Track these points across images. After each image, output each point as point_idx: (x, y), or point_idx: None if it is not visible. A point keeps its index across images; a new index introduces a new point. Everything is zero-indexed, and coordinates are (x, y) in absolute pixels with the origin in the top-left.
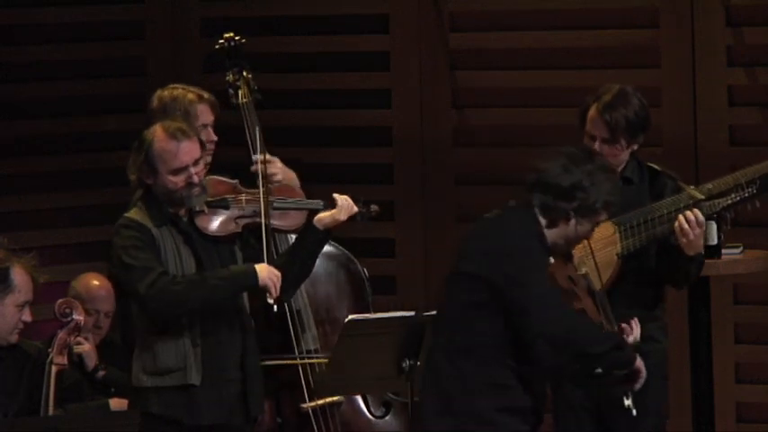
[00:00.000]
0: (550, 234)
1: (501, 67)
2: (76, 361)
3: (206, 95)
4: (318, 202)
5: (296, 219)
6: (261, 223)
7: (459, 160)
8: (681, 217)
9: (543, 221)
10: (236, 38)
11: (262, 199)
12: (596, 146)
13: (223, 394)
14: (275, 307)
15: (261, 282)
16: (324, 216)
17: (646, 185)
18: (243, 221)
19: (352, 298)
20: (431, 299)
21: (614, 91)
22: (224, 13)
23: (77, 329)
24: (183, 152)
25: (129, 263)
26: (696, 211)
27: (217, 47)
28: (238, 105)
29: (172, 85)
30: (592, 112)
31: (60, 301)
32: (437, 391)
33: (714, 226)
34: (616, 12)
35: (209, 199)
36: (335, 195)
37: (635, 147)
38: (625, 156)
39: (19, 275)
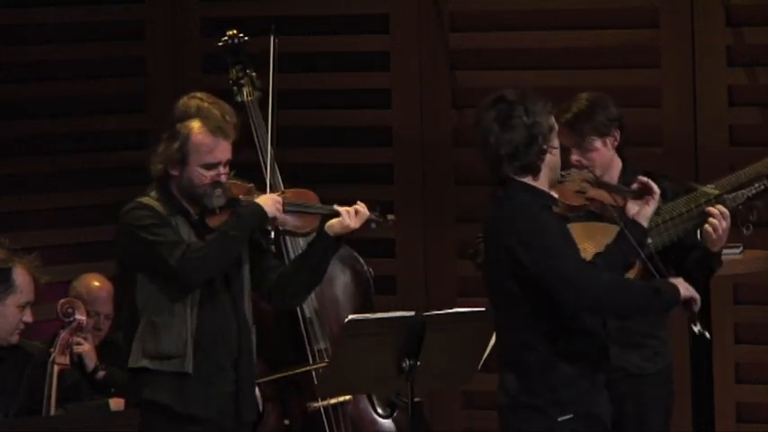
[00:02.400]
0: (542, 180)
1: (501, 67)
2: (76, 361)
3: (228, 117)
4: (331, 208)
5: (309, 222)
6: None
7: (459, 160)
8: (712, 209)
9: (530, 179)
10: (240, 35)
11: (267, 174)
12: (573, 157)
13: (212, 390)
14: (272, 234)
15: (270, 214)
16: (334, 223)
17: None
18: None
19: (358, 297)
20: (431, 299)
21: (577, 103)
22: (224, 13)
23: (79, 329)
24: (219, 149)
25: (155, 239)
26: (719, 206)
27: (220, 44)
28: (243, 103)
29: (198, 95)
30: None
31: (63, 300)
32: (520, 378)
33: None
34: (616, 12)
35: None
36: (339, 208)
37: (614, 142)
38: (607, 154)
39: (20, 276)
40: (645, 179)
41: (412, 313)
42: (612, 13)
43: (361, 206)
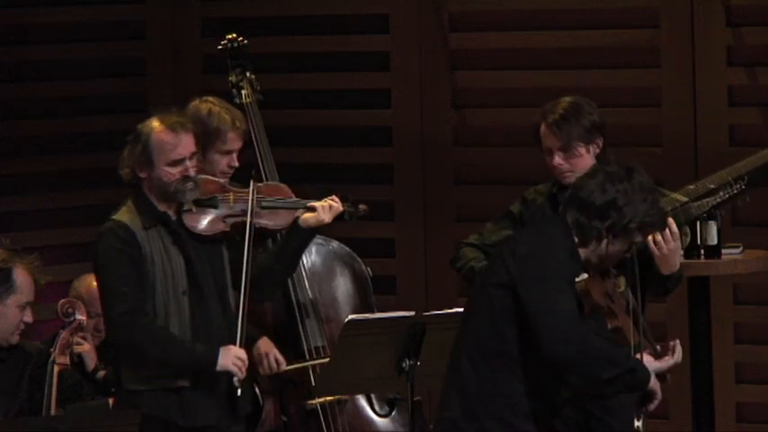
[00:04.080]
0: (583, 251)
1: (501, 67)
2: (76, 361)
3: (238, 123)
4: (306, 202)
5: (284, 218)
6: (247, 222)
7: (459, 160)
8: (655, 236)
9: (576, 238)
10: (239, 39)
11: (250, 198)
12: (555, 159)
13: (213, 394)
14: (239, 390)
15: (219, 368)
16: (308, 217)
17: None
18: (231, 220)
19: (357, 297)
20: (431, 299)
21: (563, 104)
22: (224, 13)
23: (80, 329)
24: (182, 144)
25: (108, 280)
26: (670, 220)
27: (219, 47)
28: (242, 105)
29: (210, 99)
30: (542, 128)
31: (63, 300)
32: (462, 396)
33: (714, 226)
34: (616, 12)
35: (199, 198)
36: (314, 203)
37: (596, 150)
38: (589, 162)
39: (21, 276)
40: (676, 345)
41: (412, 313)
42: (612, 13)
43: (333, 200)
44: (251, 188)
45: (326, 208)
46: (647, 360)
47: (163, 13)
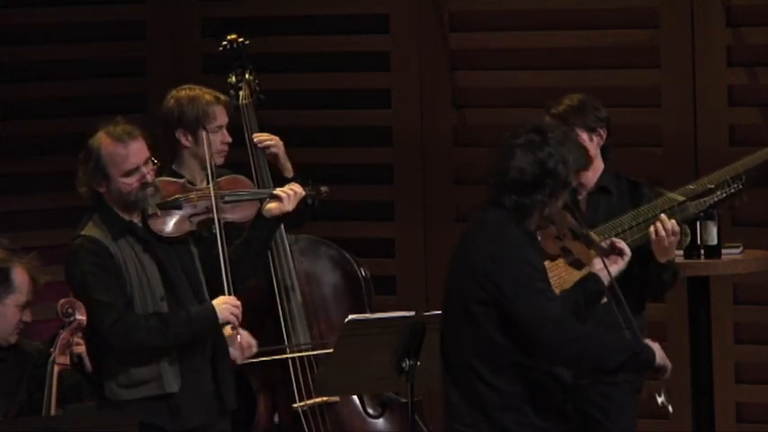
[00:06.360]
0: (533, 223)
1: (501, 67)
2: (76, 361)
3: (222, 97)
4: (268, 191)
5: (248, 210)
6: (214, 219)
7: (459, 160)
8: (657, 223)
9: (523, 218)
10: (240, 39)
11: (212, 194)
12: None
13: (201, 395)
14: (239, 338)
15: (222, 320)
16: (272, 206)
17: (626, 196)
18: (197, 219)
19: (348, 299)
20: (431, 299)
21: (568, 98)
22: (224, 13)
23: (79, 329)
24: (133, 153)
25: (91, 295)
26: (672, 220)
27: (220, 48)
28: (238, 107)
29: (187, 86)
30: (546, 119)
31: (63, 300)
32: (484, 414)
33: (714, 226)
34: (616, 12)
35: (161, 201)
36: (278, 190)
37: (599, 140)
38: (592, 151)
39: (20, 276)
40: (615, 240)
41: (412, 313)
42: (612, 13)
43: (295, 187)
44: (211, 183)
45: (289, 195)
46: (600, 263)
47: (163, 13)
